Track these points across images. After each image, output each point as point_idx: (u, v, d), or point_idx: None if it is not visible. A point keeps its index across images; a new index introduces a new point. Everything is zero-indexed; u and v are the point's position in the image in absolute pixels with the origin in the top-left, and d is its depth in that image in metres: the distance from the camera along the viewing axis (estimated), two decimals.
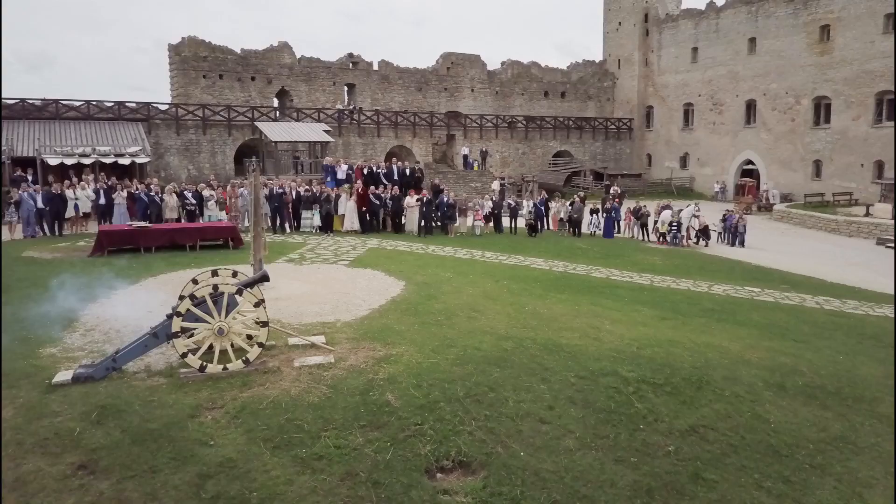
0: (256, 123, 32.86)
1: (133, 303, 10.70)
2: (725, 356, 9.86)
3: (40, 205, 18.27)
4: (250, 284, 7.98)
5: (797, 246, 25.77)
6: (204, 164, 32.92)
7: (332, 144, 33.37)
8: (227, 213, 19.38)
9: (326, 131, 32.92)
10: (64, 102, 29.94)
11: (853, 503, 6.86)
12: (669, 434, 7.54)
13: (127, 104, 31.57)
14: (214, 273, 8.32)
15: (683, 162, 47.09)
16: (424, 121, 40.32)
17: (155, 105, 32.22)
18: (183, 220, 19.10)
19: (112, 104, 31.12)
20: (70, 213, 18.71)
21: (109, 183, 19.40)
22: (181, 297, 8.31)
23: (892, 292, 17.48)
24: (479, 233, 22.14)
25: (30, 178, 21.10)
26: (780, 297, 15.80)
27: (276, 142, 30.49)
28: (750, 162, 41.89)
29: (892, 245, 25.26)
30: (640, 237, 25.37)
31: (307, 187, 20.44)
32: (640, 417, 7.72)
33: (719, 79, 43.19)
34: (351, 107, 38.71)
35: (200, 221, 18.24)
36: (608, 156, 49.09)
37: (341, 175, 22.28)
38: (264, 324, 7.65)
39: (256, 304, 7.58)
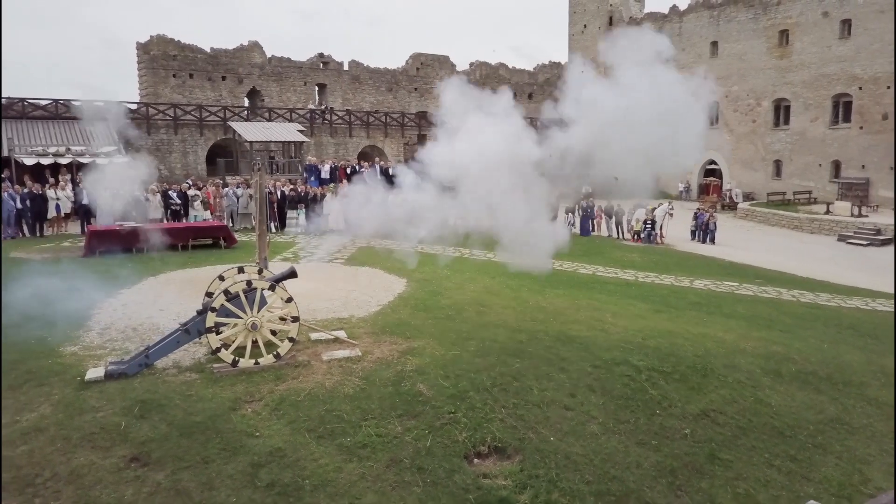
0: (230, 123, 32.55)
1: (142, 301, 10.71)
2: (722, 346, 10.37)
3: (19, 205, 17.92)
4: (279, 280, 8.13)
5: (764, 243, 26.74)
6: (175, 164, 32.43)
7: (306, 144, 33.26)
8: (212, 213, 19.28)
9: (300, 131, 32.81)
10: (31, 101, 29.21)
11: (855, 478, 7.39)
12: (683, 418, 7.98)
13: (96, 103, 30.88)
14: (241, 270, 8.44)
15: None
16: (396, 121, 40.43)
17: (126, 104, 31.61)
18: (166, 220, 18.97)
19: (80, 103, 30.42)
20: (52, 213, 18.39)
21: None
22: (208, 294, 8.44)
23: (863, 286, 18.43)
24: (461, 231, 22.43)
25: (4, 177, 20.60)
26: (759, 291, 16.50)
27: (250, 142, 30.27)
28: (713, 162, 43.13)
29: (855, 241, 26.48)
30: (616, 235, 26.00)
31: (292, 187, 20.47)
32: (656, 403, 8.14)
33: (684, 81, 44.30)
34: (323, 107, 38.62)
35: (185, 221, 18.14)
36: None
37: (325, 175, 22.36)
38: (295, 319, 7.81)
39: (288, 300, 7.74)
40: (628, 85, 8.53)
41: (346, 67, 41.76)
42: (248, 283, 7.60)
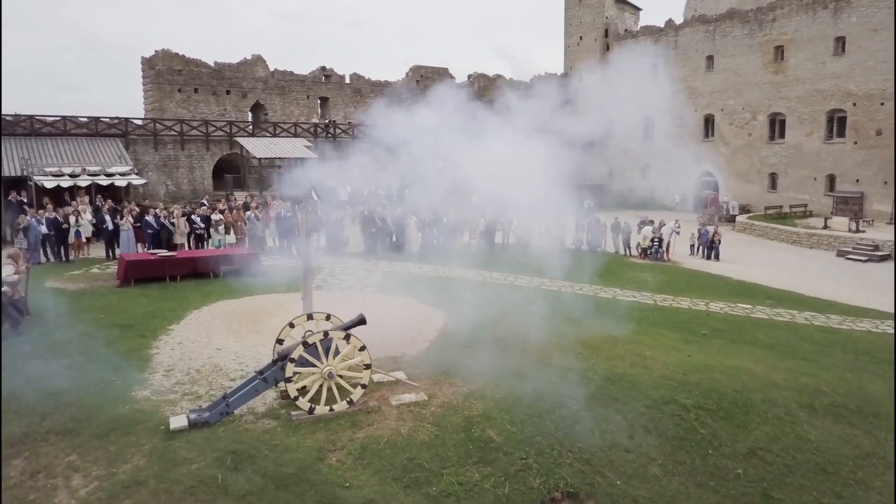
0: (237, 139, 32.77)
1: (195, 339, 10.99)
2: (756, 379, 10.82)
3: (45, 230, 18.09)
4: (348, 328, 8.48)
5: (765, 258, 27.37)
6: (182, 180, 32.63)
7: (313, 161, 33.48)
8: (235, 237, 19.53)
9: (306, 146, 33.07)
10: (38, 118, 29.28)
11: None
12: (734, 457, 8.43)
13: (103, 119, 31.04)
14: (310, 317, 8.78)
15: (644, 173, 48.87)
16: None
17: (133, 120, 31.79)
18: (189, 245, 19.21)
19: (88, 119, 30.58)
20: (72, 238, 18.56)
21: (119, 209, 19.26)
22: (279, 341, 8.78)
23: (867, 306, 19.04)
24: (474, 250, 22.86)
25: (24, 199, 20.71)
26: (773, 314, 17.02)
27: (259, 158, 30.49)
28: (709, 174, 43.90)
29: (854, 257, 27.19)
30: (623, 252, 26.51)
31: (312, 210, 20.72)
32: (707, 442, 8.58)
33: (678, 94, 45.09)
34: (326, 121, 38.89)
35: (211, 247, 18.37)
36: (572, 167, 50.43)
37: (344, 197, 22.70)
38: (367, 366, 8.17)
39: (361, 349, 8.09)
40: None
41: (347, 80, 42.08)
42: (325, 333, 7.94)
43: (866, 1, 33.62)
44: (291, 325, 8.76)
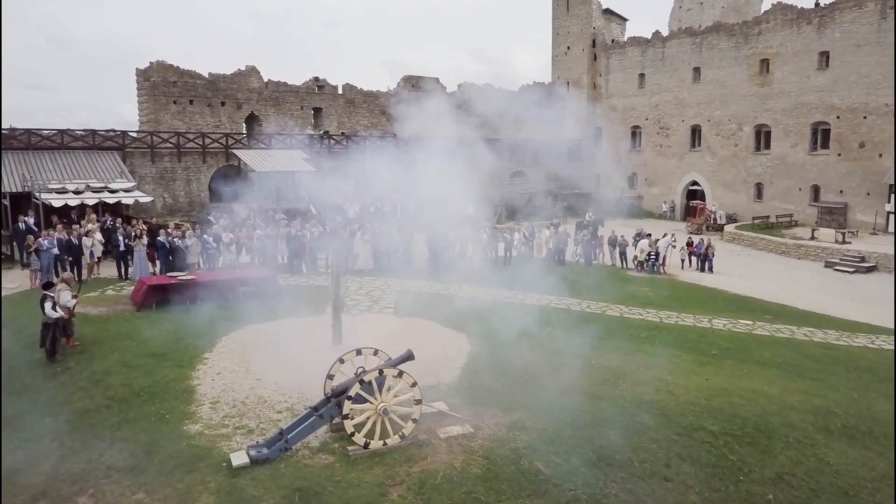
0: (235, 152, 32.85)
1: (234, 369, 11.25)
2: (773, 402, 11.35)
3: (56, 251, 18.15)
4: (397, 364, 8.84)
5: (757, 269, 28.13)
6: (179, 193, 32.64)
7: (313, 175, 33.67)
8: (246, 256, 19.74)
9: (305, 159, 33.22)
10: (35, 131, 29.16)
11: None
12: (763, 483, 8.92)
13: (100, 132, 30.97)
14: (358, 352, 9.12)
15: (632, 182, 49.70)
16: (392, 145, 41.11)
17: (129, 133, 31.75)
18: (200, 264, 19.38)
19: (85, 132, 30.50)
20: (87, 259, 18.63)
21: (130, 228, 19.29)
22: (330, 376, 9.11)
23: (859, 319, 19.78)
24: (477, 266, 23.32)
25: (31, 220, 20.67)
26: (773, 331, 17.65)
27: (259, 172, 30.62)
28: (695, 183, 44.79)
29: (841, 268, 28.04)
30: (620, 265, 27.10)
31: (321, 228, 21.04)
32: (737, 469, 9.07)
33: (666, 104, 45.97)
34: (321, 132, 39.07)
35: (222, 267, 18.54)
36: (559, 175, 51.09)
37: (352, 215, 22.98)
38: (418, 401, 8.53)
39: (412, 385, 8.46)
40: None
41: (340, 91, 42.30)
42: (380, 371, 8.29)
43: (850, 17, 34.62)
44: (341, 361, 9.09)
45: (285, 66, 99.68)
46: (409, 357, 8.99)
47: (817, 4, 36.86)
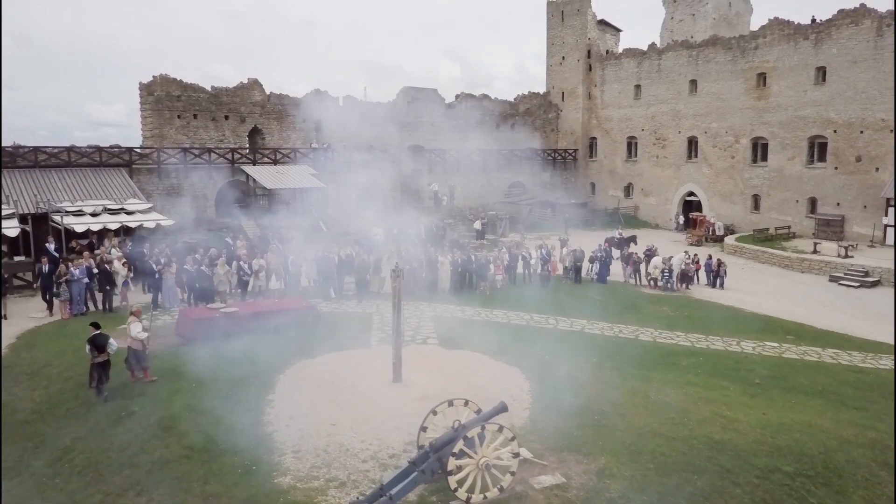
0: (243, 167, 32.66)
1: (304, 413, 11.25)
2: (830, 437, 11.64)
3: (86, 279, 17.93)
4: (490, 417, 8.94)
5: (765, 285, 28.65)
6: (186, 209, 32.30)
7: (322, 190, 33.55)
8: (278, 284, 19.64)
9: (313, 174, 33.14)
10: (41, 149, 28.74)
11: None
12: None
13: (106, 149, 30.60)
14: (450, 403, 9.21)
15: (627, 191, 50.25)
16: (392, 157, 41.13)
17: (136, 150, 31.41)
18: (231, 290, 19.25)
19: (92, 149, 30.11)
20: (119, 288, 18.43)
21: (164, 259, 19.04)
22: (423, 428, 9.18)
23: (879, 339, 20.27)
24: (499, 286, 23.48)
25: (52, 246, 20.33)
26: (801, 353, 18.05)
27: (270, 189, 30.46)
28: (692, 193, 45.41)
29: (846, 283, 28.66)
30: (633, 281, 27.43)
31: (347, 252, 21.03)
32: None
33: (662, 115, 46.55)
34: (325, 145, 38.96)
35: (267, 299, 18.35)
36: (556, 185, 51.52)
37: (380, 237, 22.99)
38: (516, 455, 8.64)
39: (511, 438, 8.57)
40: None
41: (340, 104, 42.18)
42: (482, 426, 8.39)
43: (847, 34, 35.40)
44: (434, 413, 9.16)
45: (287, 76, 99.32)
46: (502, 409, 9.10)
47: (814, 20, 37.58)
